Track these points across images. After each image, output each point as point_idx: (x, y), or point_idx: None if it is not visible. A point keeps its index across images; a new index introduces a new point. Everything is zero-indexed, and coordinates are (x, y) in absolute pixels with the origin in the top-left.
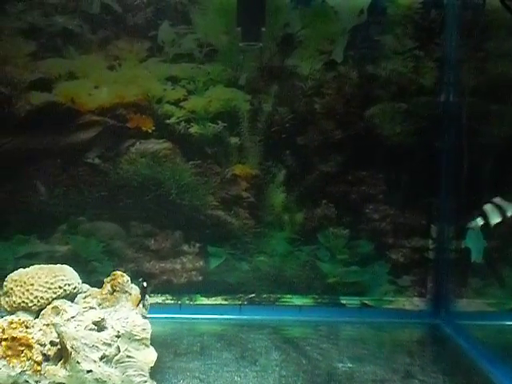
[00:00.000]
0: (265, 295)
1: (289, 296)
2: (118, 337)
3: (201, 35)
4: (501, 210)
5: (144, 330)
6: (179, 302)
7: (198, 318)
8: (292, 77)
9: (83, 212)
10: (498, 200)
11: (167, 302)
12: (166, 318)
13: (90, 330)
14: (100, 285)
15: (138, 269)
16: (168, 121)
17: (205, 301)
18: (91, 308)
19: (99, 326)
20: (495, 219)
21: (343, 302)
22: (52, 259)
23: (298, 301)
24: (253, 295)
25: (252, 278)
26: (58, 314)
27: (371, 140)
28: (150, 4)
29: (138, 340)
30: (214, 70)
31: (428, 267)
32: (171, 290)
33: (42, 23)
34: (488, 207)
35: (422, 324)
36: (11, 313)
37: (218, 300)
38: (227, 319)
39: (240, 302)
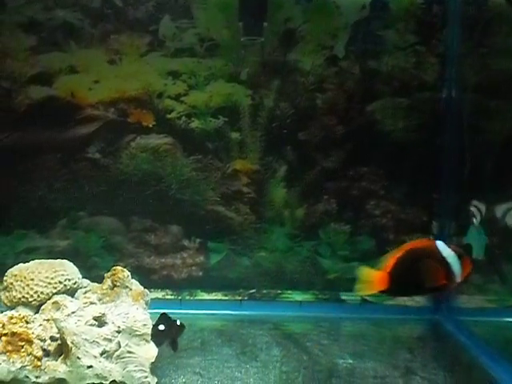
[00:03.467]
0: (265, 291)
1: (289, 292)
2: (118, 332)
3: (202, 30)
4: (501, 207)
5: (145, 325)
6: (179, 298)
7: (198, 314)
8: (293, 72)
9: (83, 207)
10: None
11: (167, 297)
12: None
13: (91, 325)
14: (100, 280)
15: (139, 264)
16: (169, 115)
17: (205, 296)
18: (92, 303)
19: (100, 321)
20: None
21: (344, 297)
22: (52, 254)
23: (298, 296)
24: (253, 291)
25: (252, 273)
26: (58, 309)
27: (372, 135)
28: None
29: (138, 335)
30: (215, 64)
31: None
32: (171, 285)
33: (43, 17)
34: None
35: (422, 320)
36: (11, 308)
37: (219, 295)
38: (227, 315)
39: (240, 298)
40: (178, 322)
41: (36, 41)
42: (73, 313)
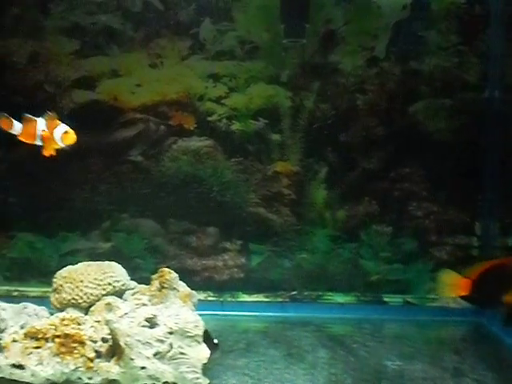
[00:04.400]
0: (306, 292)
1: (330, 293)
2: (170, 333)
3: (242, 32)
4: None
5: (196, 326)
6: (221, 299)
7: (239, 315)
8: (334, 73)
9: (126, 209)
10: None
11: (209, 298)
12: (208, 314)
13: (143, 326)
14: (143, 281)
15: (181, 266)
16: (210, 118)
17: (246, 298)
18: (143, 305)
19: (151, 322)
20: None
21: (386, 299)
22: (95, 256)
23: (340, 298)
24: (295, 293)
25: (294, 275)
26: (110, 310)
27: (414, 136)
28: (192, 1)
29: (190, 337)
30: (255, 67)
31: (472, 265)
32: (213, 286)
33: (85, 22)
34: None
35: (465, 322)
36: (61, 309)
37: (260, 297)
38: (269, 316)
39: (282, 300)
40: (216, 341)
41: (79, 45)
42: (125, 314)
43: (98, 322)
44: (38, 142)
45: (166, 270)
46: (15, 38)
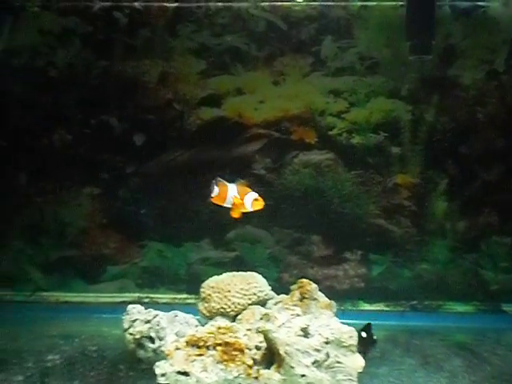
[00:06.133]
0: (427, 302)
1: (450, 303)
2: (326, 343)
3: (362, 49)
4: None
5: (351, 337)
6: (342, 308)
7: (360, 324)
8: (454, 87)
9: (249, 220)
10: None
11: None
12: None
13: (298, 336)
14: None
15: (302, 275)
16: (330, 132)
17: (367, 307)
18: (297, 315)
19: (305, 332)
20: None
21: (505, 309)
22: (221, 265)
23: (459, 308)
24: (415, 302)
25: (414, 285)
26: (268, 320)
27: None
28: (314, 20)
29: (345, 346)
30: (375, 82)
31: None
32: (334, 295)
33: (212, 42)
34: None
35: None
36: (209, 318)
37: (381, 306)
38: (390, 325)
39: (402, 309)
40: (375, 337)
41: (206, 65)
42: (283, 324)
43: (250, 330)
44: (228, 205)
45: (306, 281)
46: (146, 59)
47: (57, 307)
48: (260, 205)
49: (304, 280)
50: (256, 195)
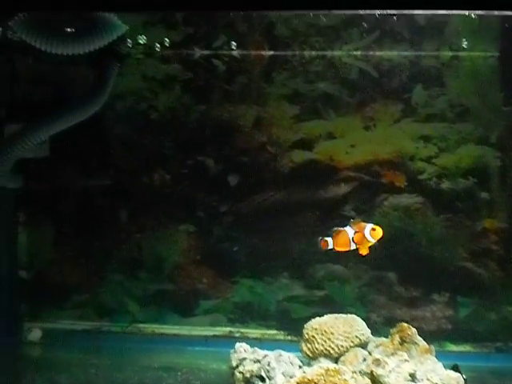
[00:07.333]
0: (511, 344)
1: None
2: None
3: (453, 96)
4: None
5: (458, 383)
6: None
7: (446, 365)
8: None
9: (338, 259)
10: None
11: None
12: None
13: (407, 381)
14: None
15: (390, 315)
16: (420, 176)
17: (453, 348)
18: (405, 360)
19: (413, 377)
20: None
21: None
22: (310, 304)
23: None
24: (500, 344)
25: (499, 327)
26: (378, 365)
27: None
28: (406, 70)
29: None
30: (465, 128)
31: None
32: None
33: (305, 89)
34: None
35: None
36: (312, 359)
37: (467, 347)
38: (476, 366)
39: (487, 350)
40: (464, 376)
41: (299, 110)
42: (393, 369)
43: (354, 372)
44: (352, 247)
45: (406, 325)
46: (242, 104)
47: (152, 339)
48: (380, 233)
49: (404, 324)
50: (372, 225)
